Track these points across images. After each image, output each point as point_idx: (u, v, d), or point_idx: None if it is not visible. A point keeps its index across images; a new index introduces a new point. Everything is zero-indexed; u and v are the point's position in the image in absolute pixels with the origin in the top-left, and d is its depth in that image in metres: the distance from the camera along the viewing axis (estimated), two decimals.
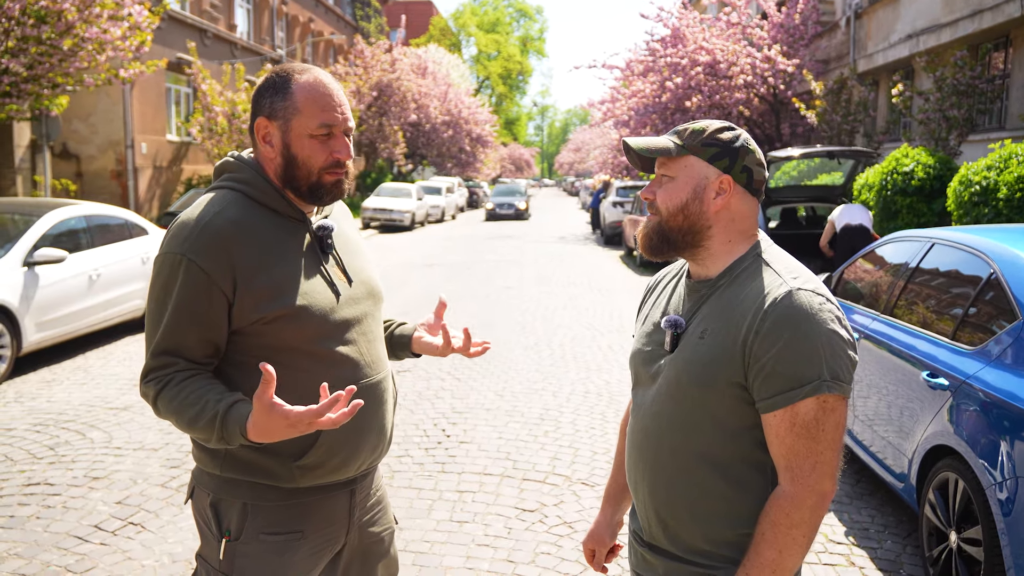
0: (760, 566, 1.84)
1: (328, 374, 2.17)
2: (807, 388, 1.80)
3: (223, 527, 2.20)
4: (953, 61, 16.10)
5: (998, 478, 3.68)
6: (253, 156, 2.31)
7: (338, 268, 2.30)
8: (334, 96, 2.20)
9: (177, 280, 2.08)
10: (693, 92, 23.50)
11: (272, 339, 2.13)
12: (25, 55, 13.29)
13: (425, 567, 4.54)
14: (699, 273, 2.05)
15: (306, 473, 2.18)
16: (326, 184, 2.21)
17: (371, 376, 2.30)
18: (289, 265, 2.17)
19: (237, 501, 2.20)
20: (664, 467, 2.00)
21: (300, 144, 2.17)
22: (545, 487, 5.66)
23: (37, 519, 5.12)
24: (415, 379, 8.51)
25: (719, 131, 1.99)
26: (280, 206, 2.22)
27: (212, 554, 2.21)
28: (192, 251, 2.08)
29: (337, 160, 2.20)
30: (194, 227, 2.11)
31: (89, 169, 22.92)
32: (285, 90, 2.17)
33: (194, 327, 2.09)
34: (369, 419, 2.28)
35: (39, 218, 9.49)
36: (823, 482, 1.83)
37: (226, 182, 2.24)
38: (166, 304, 2.11)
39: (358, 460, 2.28)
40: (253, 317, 2.10)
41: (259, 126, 2.20)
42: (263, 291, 2.10)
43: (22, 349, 8.73)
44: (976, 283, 4.59)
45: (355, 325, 2.27)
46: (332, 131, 2.19)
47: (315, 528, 2.27)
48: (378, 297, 2.42)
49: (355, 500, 2.36)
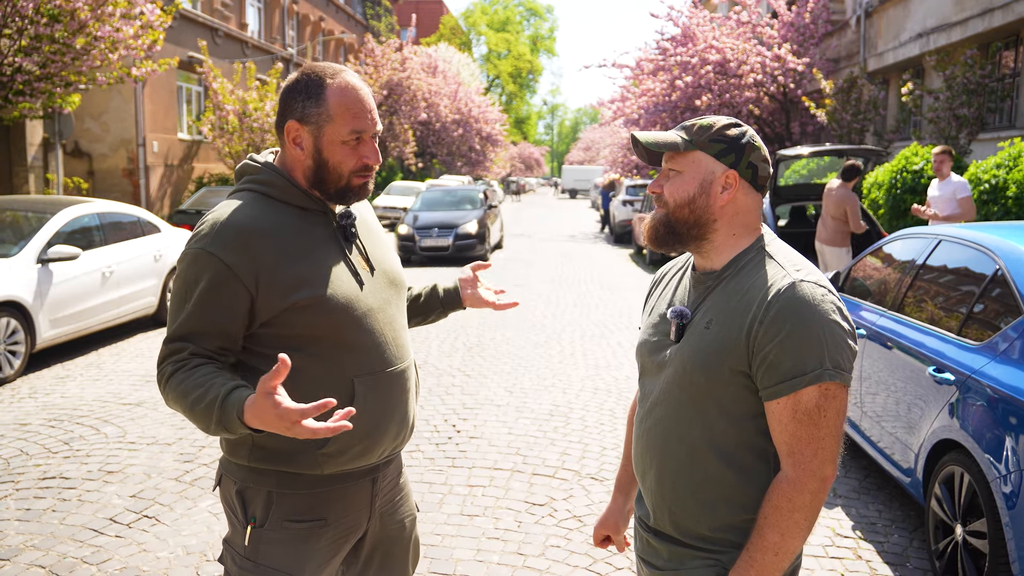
0: (763, 549, 1.90)
1: (354, 362, 2.24)
2: (809, 376, 1.86)
3: (249, 514, 2.27)
4: (963, 60, 16.09)
5: (1003, 472, 3.71)
6: (274, 156, 2.37)
7: (361, 257, 2.35)
8: (365, 101, 2.24)
9: (200, 273, 2.14)
10: (703, 91, 23.49)
11: (299, 328, 2.18)
12: (38, 54, 13.38)
13: (436, 559, 4.59)
14: (704, 265, 2.10)
15: (329, 460, 2.23)
16: (354, 187, 2.27)
17: (396, 364, 2.34)
18: (313, 256, 2.22)
19: (263, 489, 2.26)
20: (670, 454, 2.05)
21: (332, 150, 2.22)
22: (555, 482, 5.71)
23: (53, 512, 5.19)
24: (425, 375, 8.56)
25: (726, 127, 2.04)
26: (301, 201, 2.27)
27: (238, 540, 2.28)
28: (214, 246, 2.13)
29: (366, 165, 2.26)
30: (217, 225, 2.17)
31: (101, 167, 23.04)
32: (318, 95, 2.20)
33: (213, 316, 2.14)
34: (392, 406, 2.33)
35: (53, 216, 9.58)
36: (824, 467, 1.89)
37: (246, 184, 2.30)
38: (189, 296, 2.16)
39: (381, 447, 2.33)
40: (281, 306, 2.15)
41: (290, 129, 2.24)
42: (288, 282, 2.15)
43: (36, 345, 8.81)
44: (982, 279, 4.62)
45: (379, 313, 2.32)
46: (362, 136, 2.24)
47: (338, 516, 2.32)
48: (400, 285, 2.47)
49: (377, 487, 2.41)
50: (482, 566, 4.53)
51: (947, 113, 16.08)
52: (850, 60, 22.76)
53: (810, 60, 22.94)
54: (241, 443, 2.24)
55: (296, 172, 2.28)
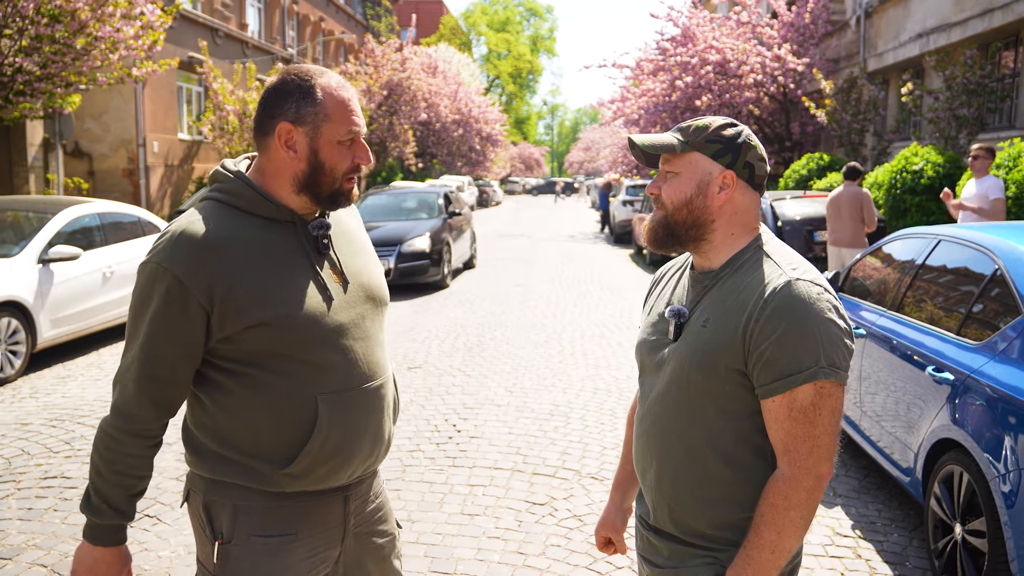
0: (760, 547, 1.91)
1: (320, 380, 2.15)
2: (805, 374, 1.87)
3: (216, 529, 2.19)
4: (963, 60, 16.11)
5: (1002, 471, 3.73)
6: (248, 163, 2.27)
7: (333, 270, 2.24)
8: (354, 100, 2.18)
9: (154, 288, 2.07)
10: (703, 91, 23.52)
11: (260, 345, 2.10)
12: (39, 54, 13.39)
13: (437, 559, 4.61)
14: (702, 265, 2.11)
15: (293, 480, 2.15)
16: (346, 191, 2.20)
17: (368, 382, 2.24)
18: (274, 271, 2.13)
19: (228, 503, 2.18)
20: (669, 453, 2.06)
21: (329, 151, 2.14)
22: (555, 481, 5.72)
23: (55, 511, 5.20)
24: (426, 375, 8.58)
25: (722, 127, 2.05)
26: (269, 212, 2.17)
27: (207, 557, 2.21)
28: (168, 260, 2.05)
29: (358, 166, 2.20)
30: (172, 238, 2.09)
31: (101, 167, 23.04)
32: (311, 95, 2.12)
33: (170, 342, 2.08)
34: (363, 426, 2.22)
35: (54, 216, 9.59)
36: (820, 465, 1.90)
37: (212, 193, 2.20)
38: (144, 312, 2.10)
39: (350, 467, 2.23)
40: (238, 326, 2.07)
41: (282, 131, 2.13)
42: (247, 298, 2.07)
43: (37, 345, 8.83)
44: (981, 279, 4.63)
45: (350, 330, 2.21)
46: (355, 137, 2.18)
47: (310, 530, 2.23)
48: (379, 299, 2.35)
49: (349, 507, 2.31)
50: (483, 565, 4.54)
51: (947, 113, 16.10)
52: (850, 60, 22.78)
53: (810, 60, 22.98)
54: (204, 453, 2.18)
55: (280, 178, 2.18)
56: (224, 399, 2.14)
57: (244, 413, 2.13)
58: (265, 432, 2.13)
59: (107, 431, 2.12)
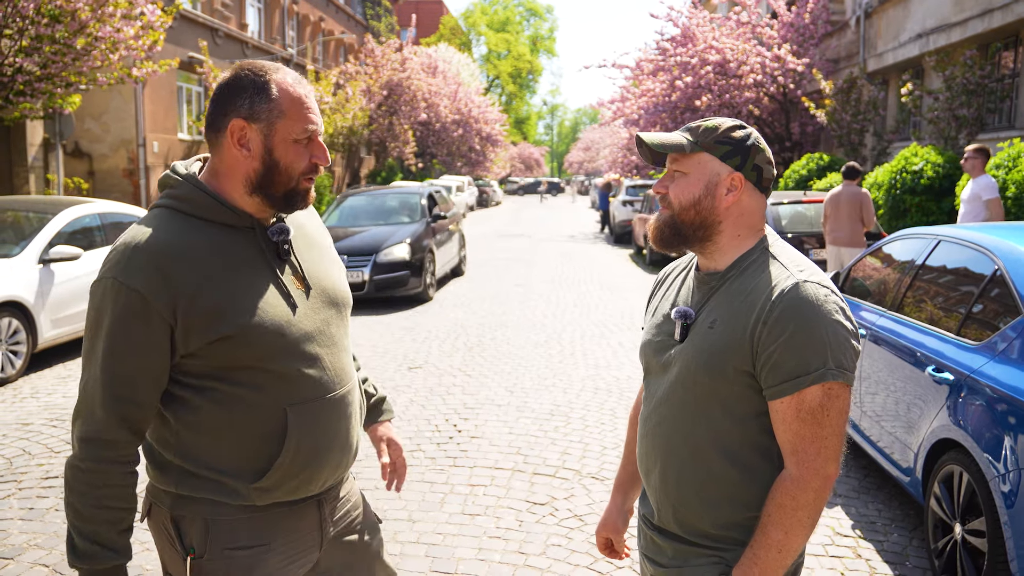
0: (767, 546, 1.92)
1: (288, 391, 2.08)
2: (813, 376, 1.88)
3: (186, 544, 2.09)
4: (963, 60, 16.12)
5: (1001, 470, 3.74)
6: (201, 164, 2.18)
7: (295, 276, 2.15)
8: (311, 98, 2.09)
9: (112, 305, 1.95)
10: (703, 91, 23.54)
11: (225, 359, 2.01)
12: (39, 54, 13.40)
13: (438, 558, 4.62)
14: (708, 266, 2.12)
15: (263, 494, 2.09)
16: (302, 191, 2.11)
17: (335, 390, 2.17)
18: (236, 281, 2.03)
19: (197, 517, 2.08)
20: (674, 453, 2.07)
21: (284, 149, 2.05)
22: (555, 481, 5.73)
23: (56, 511, 5.21)
24: (426, 375, 8.59)
25: (731, 129, 2.06)
26: (225, 218, 2.07)
27: (179, 572, 2.12)
28: (124, 274, 1.94)
29: (316, 165, 2.10)
30: (125, 250, 1.98)
31: (101, 167, 23.05)
32: (266, 91, 2.03)
33: (135, 360, 1.97)
34: (332, 435, 2.16)
35: (54, 216, 9.60)
36: (827, 466, 1.91)
37: (163, 200, 2.10)
38: (100, 332, 1.98)
39: (320, 478, 2.17)
40: (201, 341, 1.98)
41: (235, 128, 2.03)
42: (207, 312, 1.97)
43: (38, 345, 8.84)
44: (981, 280, 4.64)
45: (315, 337, 2.14)
46: (312, 135, 2.08)
47: (284, 539, 2.16)
48: (342, 303, 2.27)
49: (324, 512, 2.25)
50: (484, 565, 4.56)
51: (947, 114, 16.11)
52: (850, 60, 22.79)
53: (810, 60, 22.99)
54: (168, 468, 2.10)
55: (232, 179, 2.08)
56: (188, 415, 2.05)
57: (210, 429, 2.05)
58: (233, 447, 2.06)
59: (80, 467, 1.98)
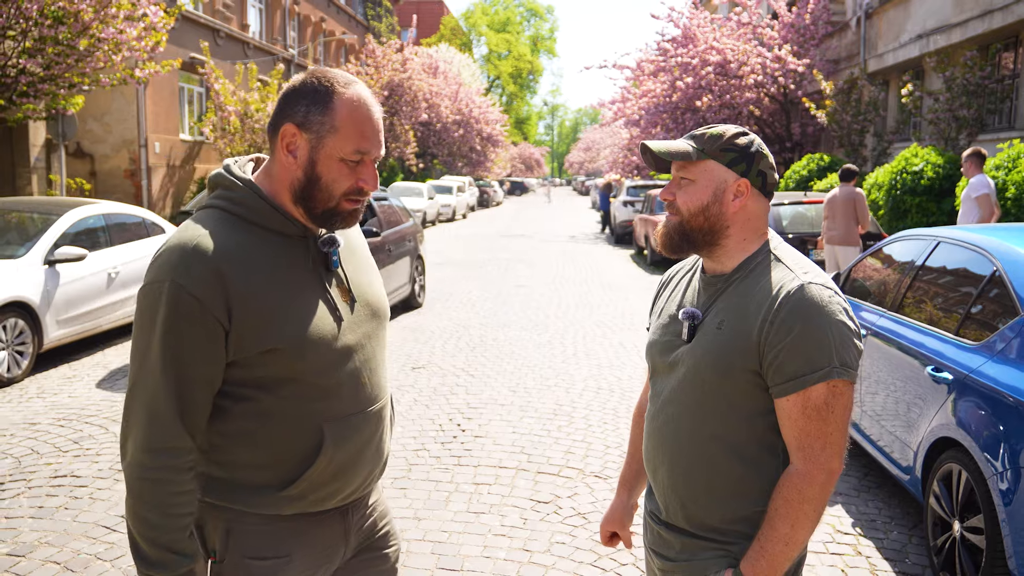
0: (774, 539, 1.98)
1: (327, 405, 2.04)
2: (818, 374, 1.95)
3: (208, 548, 2.07)
4: (963, 61, 16.18)
5: (999, 468, 3.79)
6: (253, 165, 2.16)
7: (340, 288, 2.11)
8: (374, 120, 2.01)
9: (170, 310, 1.89)
10: (703, 92, 23.60)
11: (271, 370, 1.97)
12: (42, 55, 13.45)
13: (443, 556, 4.67)
14: (714, 268, 2.18)
15: (292, 503, 2.05)
16: (343, 212, 2.03)
17: (372, 405, 2.14)
18: (288, 291, 2.00)
19: (220, 524, 2.06)
20: (683, 450, 2.13)
21: (328, 165, 1.98)
22: (559, 480, 5.79)
23: (66, 509, 5.26)
24: (430, 375, 8.65)
25: (735, 136, 2.12)
26: (281, 226, 2.03)
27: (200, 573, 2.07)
28: (181, 277, 1.88)
29: (361, 188, 2.02)
30: (181, 252, 1.92)
31: (103, 168, 23.10)
32: (325, 102, 1.96)
33: (195, 365, 1.92)
34: (363, 448, 2.12)
35: (59, 217, 9.64)
36: (832, 461, 1.98)
37: (216, 201, 2.05)
38: (157, 337, 1.91)
39: (349, 488, 2.13)
40: (250, 350, 1.94)
41: (286, 132, 1.99)
42: (260, 321, 1.94)
43: (43, 345, 8.88)
44: (980, 280, 4.69)
45: (357, 352, 2.10)
46: (364, 158, 2.01)
47: (306, 551, 2.11)
48: (382, 316, 2.24)
49: (349, 522, 2.20)
50: (489, 562, 4.61)
51: (947, 114, 16.17)
52: (850, 61, 22.84)
53: (810, 61, 23.05)
54: None
55: (282, 184, 2.03)
56: (221, 423, 2.02)
57: (243, 438, 2.02)
58: (264, 456, 2.03)
59: (148, 478, 1.91)
